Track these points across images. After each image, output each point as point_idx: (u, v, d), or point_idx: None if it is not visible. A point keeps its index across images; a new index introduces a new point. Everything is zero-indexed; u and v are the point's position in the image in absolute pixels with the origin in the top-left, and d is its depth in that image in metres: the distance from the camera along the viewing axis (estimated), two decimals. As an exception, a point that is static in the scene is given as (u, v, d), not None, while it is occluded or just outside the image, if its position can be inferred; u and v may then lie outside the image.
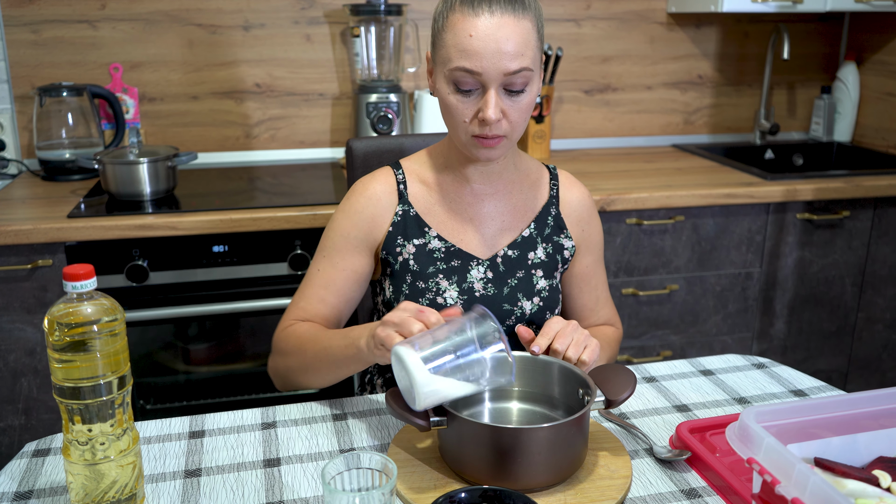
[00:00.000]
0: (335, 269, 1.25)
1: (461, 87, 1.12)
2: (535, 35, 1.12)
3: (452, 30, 1.11)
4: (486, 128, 1.13)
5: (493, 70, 1.09)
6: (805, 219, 2.24)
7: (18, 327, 1.85)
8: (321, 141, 2.53)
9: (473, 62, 1.09)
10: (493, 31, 1.08)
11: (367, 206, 1.26)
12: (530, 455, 0.93)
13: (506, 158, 1.26)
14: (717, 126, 2.82)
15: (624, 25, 2.64)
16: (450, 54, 1.11)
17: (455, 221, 1.27)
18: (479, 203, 1.27)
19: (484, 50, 1.08)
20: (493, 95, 1.11)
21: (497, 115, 1.11)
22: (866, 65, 2.72)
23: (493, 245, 1.28)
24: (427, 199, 1.28)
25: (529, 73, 1.11)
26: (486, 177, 1.26)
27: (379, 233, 1.26)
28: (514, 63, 1.09)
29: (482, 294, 1.25)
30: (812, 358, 2.41)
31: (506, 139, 1.15)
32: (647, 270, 2.19)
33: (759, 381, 1.28)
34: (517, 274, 1.27)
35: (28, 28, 2.27)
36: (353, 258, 1.25)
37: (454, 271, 1.25)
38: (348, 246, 1.25)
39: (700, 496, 0.97)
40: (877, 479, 0.86)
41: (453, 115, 1.15)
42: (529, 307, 1.27)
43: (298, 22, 2.42)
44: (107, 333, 0.87)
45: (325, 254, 1.26)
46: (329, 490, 0.82)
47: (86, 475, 0.89)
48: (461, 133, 1.16)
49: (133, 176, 1.95)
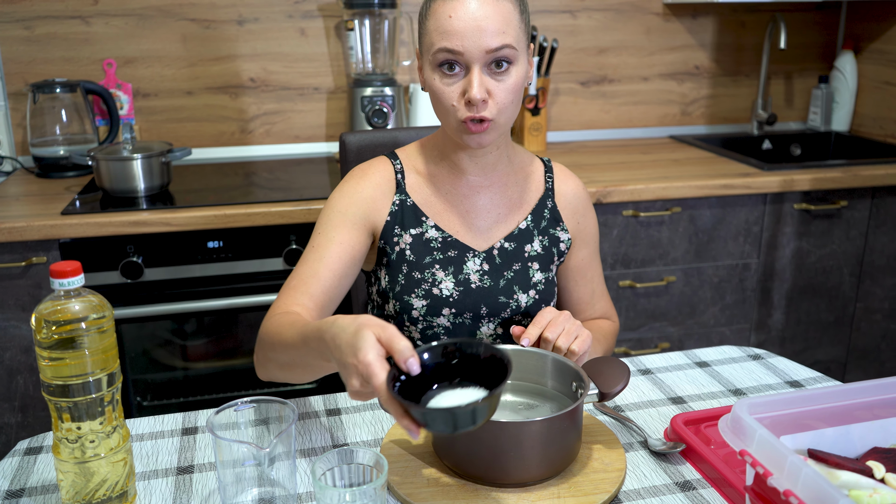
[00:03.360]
0: (331, 242, 1.20)
1: (445, 70, 1.13)
2: (516, 16, 1.13)
3: (433, 15, 1.13)
4: (472, 108, 1.12)
5: (474, 48, 1.10)
6: (802, 209, 2.24)
7: (13, 325, 1.85)
8: (317, 135, 2.52)
9: (454, 42, 1.10)
10: (473, 10, 1.10)
11: (366, 188, 1.25)
12: (523, 449, 0.93)
13: (499, 150, 1.26)
14: (714, 117, 2.81)
15: (620, 16, 2.62)
16: (432, 39, 1.13)
17: (451, 213, 1.27)
18: (474, 195, 1.27)
19: (464, 29, 1.09)
20: (478, 74, 1.11)
21: (482, 94, 1.11)
22: (864, 54, 2.71)
23: (490, 237, 1.27)
24: (424, 189, 1.27)
25: (512, 51, 1.12)
26: (480, 169, 1.26)
27: (377, 217, 1.25)
28: (495, 40, 1.10)
29: (478, 286, 1.24)
30: (810, 348, 2.41)
31: (494, 123, 1.15)
32: (644, 262, 2.18)
33: (754, 373, 1.28)
34: (513, 266, 1.27)
35: (21, 24, 2.26)
36: (350, 233, 1.21)
37: (450, 262, 1.25)
38: (345, 221, 1.22)
39: (694, 488, 0.97)
40: (870, 470, 0.86)
41: (441, 100, 1.15)
42: (525, 300, 1.26)
43: (292, 16, 2.41)
44: (95, 330, 0.87)
45: (321, 230, 1.23)
46: (319, 486, 0.82)
47: (76, 473, 0.89)
48: (451, 119, 1.16)
49: (127, 172, 1.94)
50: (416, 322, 1.24)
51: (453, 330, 1.25)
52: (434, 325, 1.25)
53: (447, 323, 1.24)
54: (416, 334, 1.26)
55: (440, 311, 1.23)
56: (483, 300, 1.24)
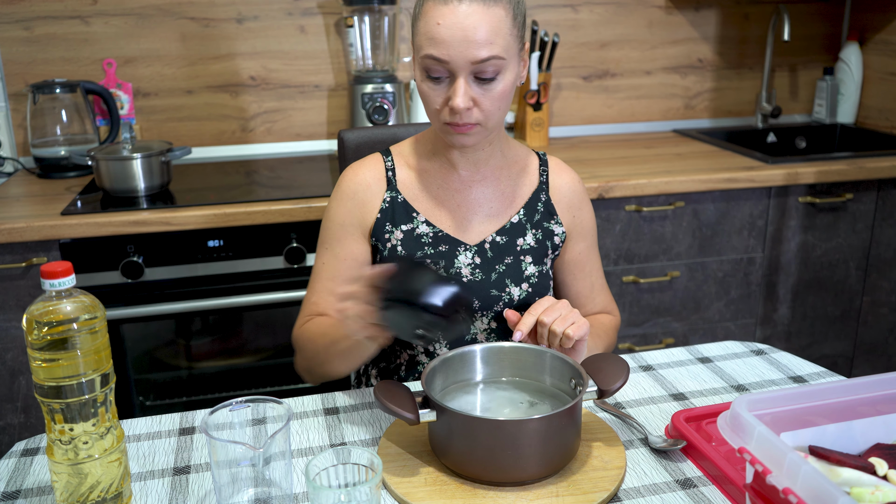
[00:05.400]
0: (337, 260, 1.27)
1: (431, 75, 1.13)
2: (508, 23, 1.11)
3: (424, 17, 1.12)
4: (455, 116, 1.13)
5: (459, 58, 1.09)
6: (807, 202, 2.21)
7: (14, 325, 1.85)
8: (318, 133, 2.51)
9: (440, 50, 1.09)
10: (461, 19, 1.08)
11: (357, 191, 1.27)
12: (521, 447, 0.92)
13: (492, 145, 1.25)
14: (718, 110, 2.79)
15: (622, 10, 2.60)
16: (421, 42, 1.12)
17: (443, 207, 1.27)
18: (466, 189, 1.27)
19: (451, 38, 1.08)
20: (462, 84, 1.11)
21: (466, 104, 1.11)
22: (869, 45, 2.68)
23: (481, 231, 1.27)
24: (415, 185, 1.28)
25: (500, 61, 1.11)
26: (472, 163, 1.26)
27: (369, 218, 1.27)
28: (482, 51, 1.09)
29: (469, 280, 1.24)
30: (817, 343, 2.39)
31: (479, 127, 1.15)
32: (648, 257, 2.17)
33: (757, 368, 1.26)
34: (505, 260, 1.26)
35: (20, 25, 2.25)
36: (352, 245, 1.27)
37: (441, 256, 1.25)
38: (345, 234, 1.27)
39: (695, 486, 0.96)
40: (873, 467, 0.84)
41: (426, 102, 1.16)
42: (518, 293, 1.26)
43: (292, 13, 2.40)
44: (87, 331, 0.86)
45: (326, 246, 1.28)
46: (313, 486, 0.81)
47: (69, 474, 0.88)
48: (435, 120, 1.17)
49: (126, 172, 1.94)
50: None
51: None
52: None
53: None
54: None
55: None
56: (475, 294, 1.24)
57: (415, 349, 1.30)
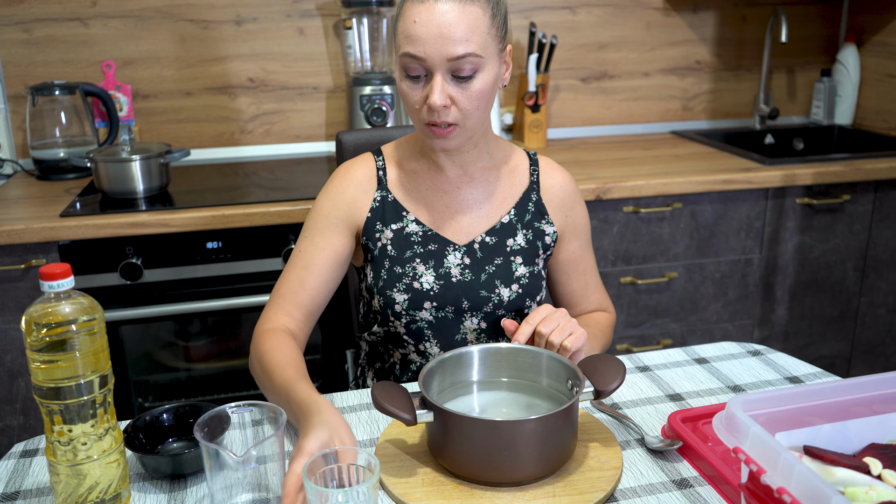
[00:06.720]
0: (315, 248, 1.24)
1: (410, 74, 1.13)
2: (485, 21, 1.12)
3: (403, 17, 1.13)
4: (434, 114, 1.13)
5: (435, 55, 1.10)
6: (805, 203, 2.22)
7: (14, 327, 1.85)
8: (316, 135, 2.52)
9: (416, 47, 1.10)
10: (437, 16, 1.09)
11: (347, 188, 1.27)
12: (518, 448, 0.92)
13: (477, 147, 1.26)
14: (716, 112, 2.79)
15: (619, 12, 2.61)
16: (399, 41, 1.13)
17: (432, 207, 1.28)
18: (455, 190, 1.28)
19: (427, 35, 1.09)
20: (440, 81, 1.11)
21: (443, 101, 1.11)
22: (867, 46, 2.69)
23: (471, 231, 1.28)
24: (405, 185, 1.28)
25: (477, 59, 1.11)
26: (458, 166, 1.27)
27: (359, 216, 1.27)
28: (458, 48, 1.09)
29: (459, 280, 1.25)
30: (814, 344, 2.39)
31: (459, 128, 1.16)
32: (646, 259, 2.17)
33: (754, 369, 1.27)
34: (495, 260, 1.27)
35: (19, 27, 2.26)
36: (334, 237, 1.25)
37: (431, 255, 1.25)
38: (329, 225, 1.26)
39: (691, 486, 0.96)
40: (867, 467, 0.85)
41: (406, 101, 1.17)
42: (508, 294, 1.26)
43: (290, 15, 2.40)
44: (85, 332, 0.86)
45: (307, 234, 1.27)
46: (310, 487, 0.82)
47: (68, 475, 0.88)
48: (417, 122, 1.18)
49: (125, 173, 1.94)
50: (400, 317, 1.25)
51: (436, 324, 1.26)
52: (417, 320, 1.25)
53: (429, 317, 1.25)
54: (401, 329, 1.27)
55: (421, 305, 1.24)
56: (464, 294, 1.25)
57: (406, 348, 1.31)
